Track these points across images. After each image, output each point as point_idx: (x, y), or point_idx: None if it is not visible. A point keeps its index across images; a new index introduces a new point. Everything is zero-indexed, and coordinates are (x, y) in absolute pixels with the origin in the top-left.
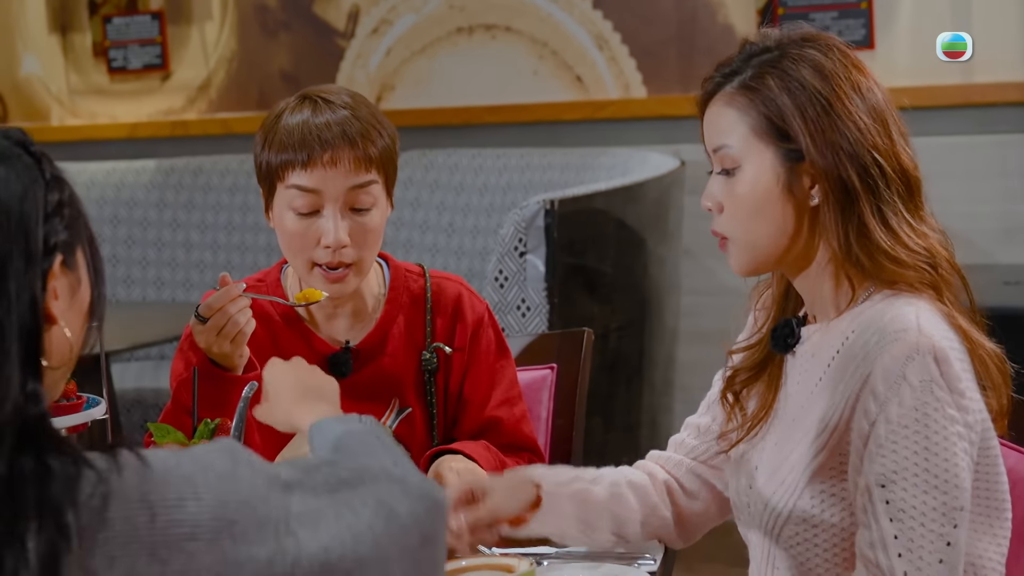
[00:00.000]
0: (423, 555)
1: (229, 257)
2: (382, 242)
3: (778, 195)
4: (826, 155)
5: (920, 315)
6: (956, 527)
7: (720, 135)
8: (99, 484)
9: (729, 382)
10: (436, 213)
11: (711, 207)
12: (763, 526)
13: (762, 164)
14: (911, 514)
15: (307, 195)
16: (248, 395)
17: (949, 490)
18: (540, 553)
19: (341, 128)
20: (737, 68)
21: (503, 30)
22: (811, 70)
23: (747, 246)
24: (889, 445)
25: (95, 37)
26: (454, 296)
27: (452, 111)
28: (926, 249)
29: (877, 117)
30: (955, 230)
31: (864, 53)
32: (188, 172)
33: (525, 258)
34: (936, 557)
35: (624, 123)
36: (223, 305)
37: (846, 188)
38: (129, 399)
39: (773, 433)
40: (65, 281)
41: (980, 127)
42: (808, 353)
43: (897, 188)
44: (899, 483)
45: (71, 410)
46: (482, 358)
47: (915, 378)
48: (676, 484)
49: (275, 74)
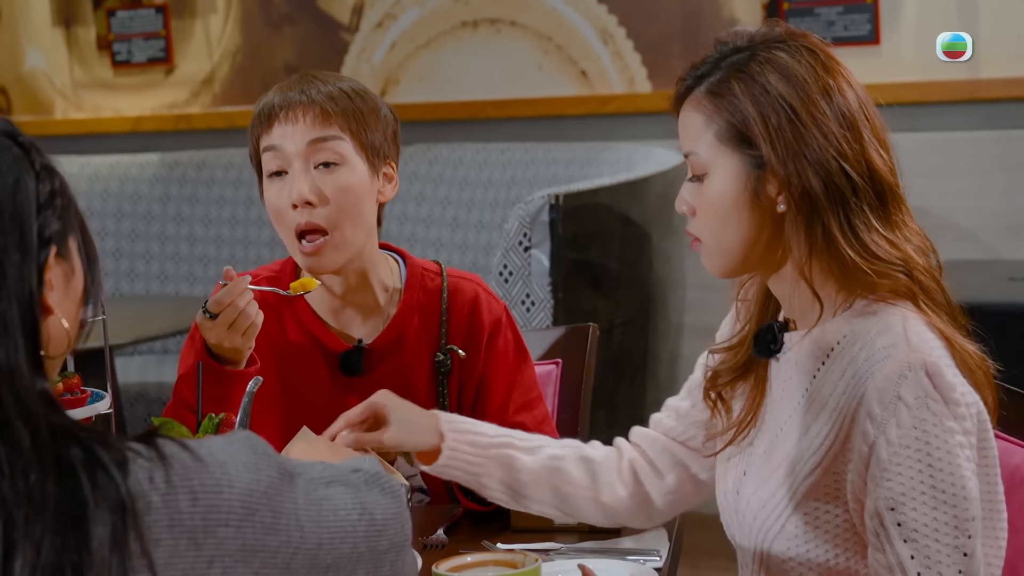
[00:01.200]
0: (388, 559)
1: (233, 251)
2: (379, 229)
3: (745, 202)
4: (787, 164)
5: (907, 327)
6: (971, 537)
7: (689, 141)
8: (146, 469)
9: (711, 382)
10: (440, 207)
11: (685, 210)
12: (752, 537)
13: (728, 171)
14: (924, 532)
15: (274, 155)
16: (253, 390)
17: (958, 503)
18: (546, 549)
19: (301, 88)
20: (706, 71)
21: (508, 24)
22: (777, 75)
23: (718, 250)
24: (893, 468)
25: (99, 30)
26: (471, 297)
27: (456, 105)
28: (899, 259)
29: (847, 122)
30: (960, 226)
31: (869, 48)
32: (192, 166)
33: (529, 253)
34: (955, 570)
35: (629, 118)
36: (233, 300)
37: (810, 197)
38: (133, 393)
39: (760, 440)
40: (60, 271)
41: (986, 123)
42: (792, 361)
43: (867, 197)
44: (908, 504)
45: (75, 404)
46: (499, 362)
47: (910, 396)
48: (644, 461)
49: (279, 68)
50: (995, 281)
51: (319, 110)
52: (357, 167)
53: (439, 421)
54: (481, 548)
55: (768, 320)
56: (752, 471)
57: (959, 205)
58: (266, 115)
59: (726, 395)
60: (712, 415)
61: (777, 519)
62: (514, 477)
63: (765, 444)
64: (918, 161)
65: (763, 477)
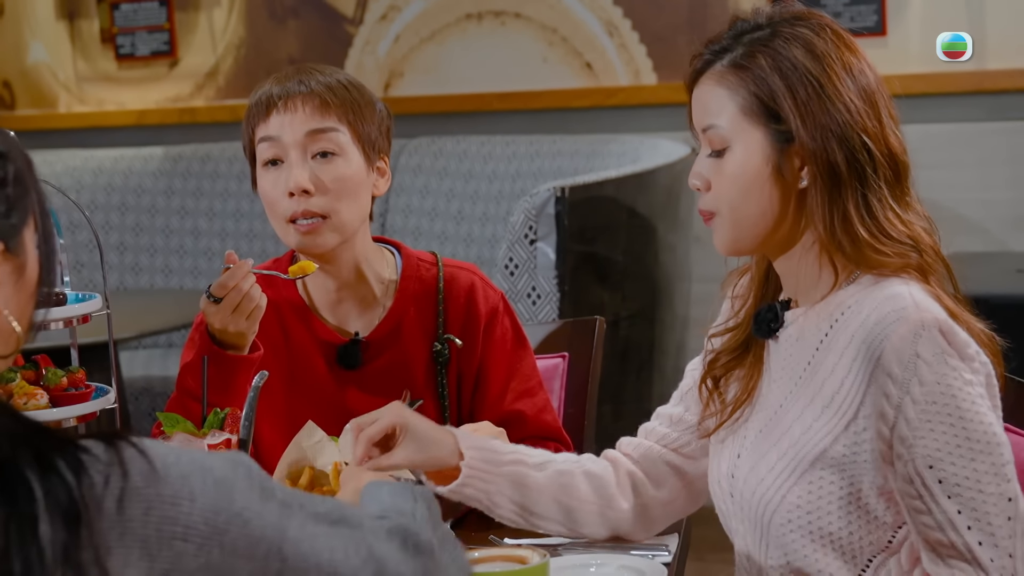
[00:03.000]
0: None
1: (237, 244)
2: (383, 222)
3: (767, 177)
4: (816, 137)
5: (912, 292)
6: (1010, 481)
7: (709, 115)
8: (101, 474)
9: (710, 366)
10: (445, 200)
11: (699, 186)
12: (751, 516)
13: (752, 145)
14: (967, 485)
15: (271, 145)
16: (258, 384)
17: (992, 450)
18: (554, 544)
19: (299, 79)
20: (727, 46)
21: (512, 16)
22: (803, 50)
23: (733, 224)
24: (924, 426)
25: (103, 24)
26: (467, 286)
27: (461, 98)
28: (910, 237)
29: (868, 99)
30: (966, 217)
31: (876, 39)
32: (196, 159)
33: (535, 246)
34: (1004, 516)
35: (634, 110)
36: (237, 283)
37: (834, 172)
38: (137, 387)
39: (755, 420)
40: (8, 268)
41: (992, 114)
42: (793, 337)
43: (885, 173)
44: (946, 459)
45: (80, 399)
46: (497, 350)
47: (928, 353)
48: (641, 474)
49: (283, 61)
50: (1002, 273)
51: (318, 101)
52: (354, 158)
53: (456, 439)
54: (488, 543)
55: (767, 301)
56: (746, 452)
57: (966, 197)
58: (264, 105)
59: (722, 383)
60: (706, 406)
61: (777, 491)
62: (525, 495)
63: (761, 423)
64: (924, 153)
65: (760, 454)
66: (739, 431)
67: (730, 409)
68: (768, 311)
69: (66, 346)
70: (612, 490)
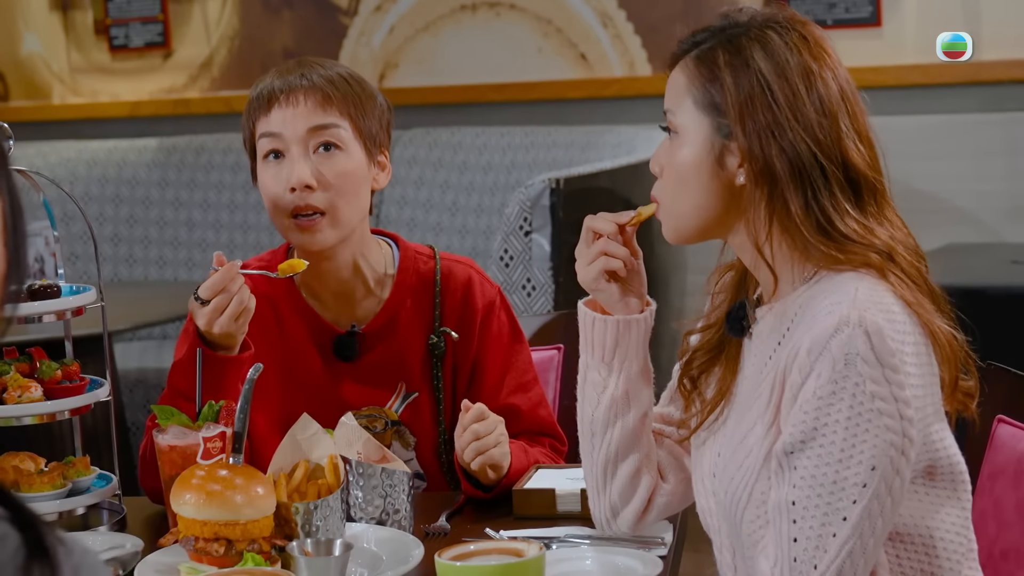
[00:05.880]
0: None
1: (232, 236)
2: (378, 213)
3: (707, 168)
4: (752, 138)
5: (860, 288)
6: (855, 503)
7: (669, 100)
8: None
9: (686, 366)
10: (440, 192)
11: (655, 171)
12: (726, 514)
13: (698, 134)
14: (809, 483)
15: (272, 140)
16: (253, 377)
17: (852, 465)
18: (549, 537)
19: (301, 73)
20: (703, 39)
21: (507, 7)
22: (762, 52)
23: (672, 214)
24: (800, 415)
25: (96, 15)
26: (464, 280)
27: (456, 89)
28: (872, 241)
29: (824, 110)
30: (962, 209)
31: (871, 31)
32: (190, 151)
33: (530, 237)
34: (829, 531)
35: (629, 101)
36: (225, 285)
37: (771, 174)
38: (132, 379)
39: (731, 420)
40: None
41: (987, 105)
42: (763, 334)
43: (837, 182)
44: (806, 451)
45: (75, 392)
46: (493, 344)
47: (839, 351)
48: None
49: (278, 52)
50: (998, 264)
51: (320, 95)
52: (355, 153)
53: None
54: (484, 536)
55: (743, 298)
56: (726, 451)
57: (961, 188)
58: (265, 98)
59: (700, 382)
60: (687, 407)
61: (745, 488)
62: (640, 388)
63: (735, 422)
64: (919, 144)
65: (732, 449)
66: (719, 430)
67: (707, 410)
68: (739, 309)
69: (60, 338)
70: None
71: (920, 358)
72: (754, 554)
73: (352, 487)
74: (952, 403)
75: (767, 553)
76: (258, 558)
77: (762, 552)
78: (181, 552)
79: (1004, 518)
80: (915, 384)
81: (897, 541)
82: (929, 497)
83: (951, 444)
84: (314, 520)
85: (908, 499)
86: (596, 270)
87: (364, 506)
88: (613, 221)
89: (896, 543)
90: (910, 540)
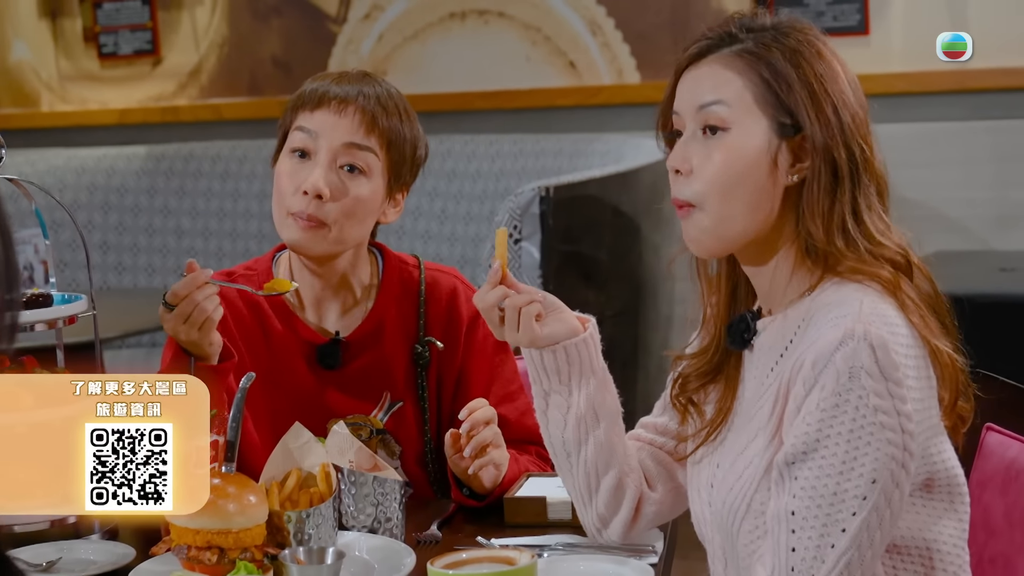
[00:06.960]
0: None
1: (220, 244)
2: (375, 229)
3: (764, 165)
4: (825, 132)
5: (865, 301)
6: (855, 515)
7: (712, 92)
8: None
9: (681, 388)
10: (428, 199)
11: (680, 169)
12: (723, 526)
13: (754, 131)
14: (810, 494)
15: (306, 138)
16: (245, 386)
17: (852, 478)
18: (541, 545)
19: (359, 88)
20: (736, 35)
21: (496, 15)
22: (812, 52)
23: (718, 219)
24: (802, 426)
25: (85, 22)
26: (449, 289)
27: (444, 97)
28: (896, 244)
29: (864, 113)
30: (951, 216)
31: (858, 39)
32: (179, 158)
33: (520, 245)
34: (828, 542)
35: (618, 109)
36: (189, 292)
37: (835, 170)
38: None
39: (732, 432)
40: None
41: (975, 113)
42: (765, 345)
43: (875, 182)
44: (807, 462)
45: None
46: (478, 353)
47: (844, 364)
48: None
49: (266, 59)
50: (986, 272)
51: (369, 116)
52: (376, 183)
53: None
54: (476, 544)
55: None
56: (724, 463)
57: (949, 196)
58: (317, 96)
59: (697, 399)
60: (683, 421)
61: (743, 499)
62: (601, 405)
63: (735, 433)
64: (908, 152)
65: (731, 461)
66: (717, 446)
67: (707, 431)
68: (740, 321)
69: (52, 346)
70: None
71: (920, 371)
72: (749, 564)
73: (344, 495)
74: (946, 423)
75: (764, 562)
76: (251, 567)
77: (759, 561)
78: (173, 560)
79: (992, 526)
80: (916, 398)
81: (894, 553)
82: (927, 509)
83: (950, 457)
84: (306, 528)
85: (906, 511)
86: (524, 330)
87: (356, 514)
88: (488, 285)
89: (893, 555)
90: (907, 552)
